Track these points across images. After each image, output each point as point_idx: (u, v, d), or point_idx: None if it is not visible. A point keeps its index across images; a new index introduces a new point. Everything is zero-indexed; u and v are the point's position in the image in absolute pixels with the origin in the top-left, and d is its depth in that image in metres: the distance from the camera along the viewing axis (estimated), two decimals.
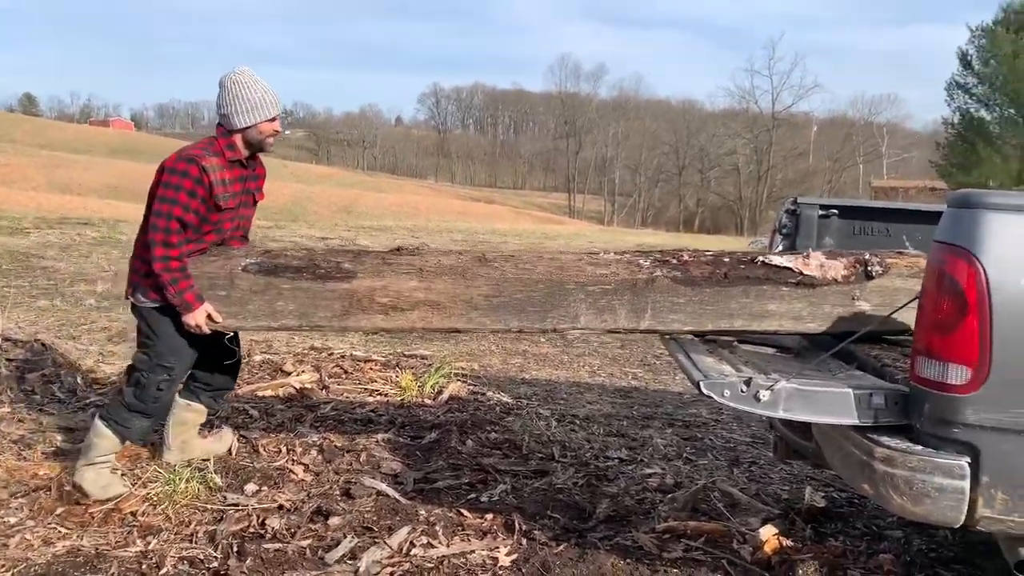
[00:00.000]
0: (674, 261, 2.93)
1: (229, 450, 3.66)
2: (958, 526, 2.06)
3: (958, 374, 2.02)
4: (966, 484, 2.01)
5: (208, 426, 3.75)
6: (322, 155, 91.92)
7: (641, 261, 2.94)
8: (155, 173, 3.08)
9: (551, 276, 2.94)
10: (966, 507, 2.02)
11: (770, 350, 3.07)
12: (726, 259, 2.93)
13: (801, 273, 2.86)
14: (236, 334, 3.26)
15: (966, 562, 2.90)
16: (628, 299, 2.91)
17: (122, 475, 3.28)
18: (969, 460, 2.02)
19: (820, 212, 3.49)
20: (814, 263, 2.88)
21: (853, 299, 2.87)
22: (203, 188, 3.00)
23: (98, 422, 3.18)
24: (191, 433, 3.53)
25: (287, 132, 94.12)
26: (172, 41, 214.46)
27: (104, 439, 3.16)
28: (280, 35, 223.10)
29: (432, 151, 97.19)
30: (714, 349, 2.81)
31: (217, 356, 3.32)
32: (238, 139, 3.13)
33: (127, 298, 3.20)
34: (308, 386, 4.80)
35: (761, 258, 2.91)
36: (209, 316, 3.00)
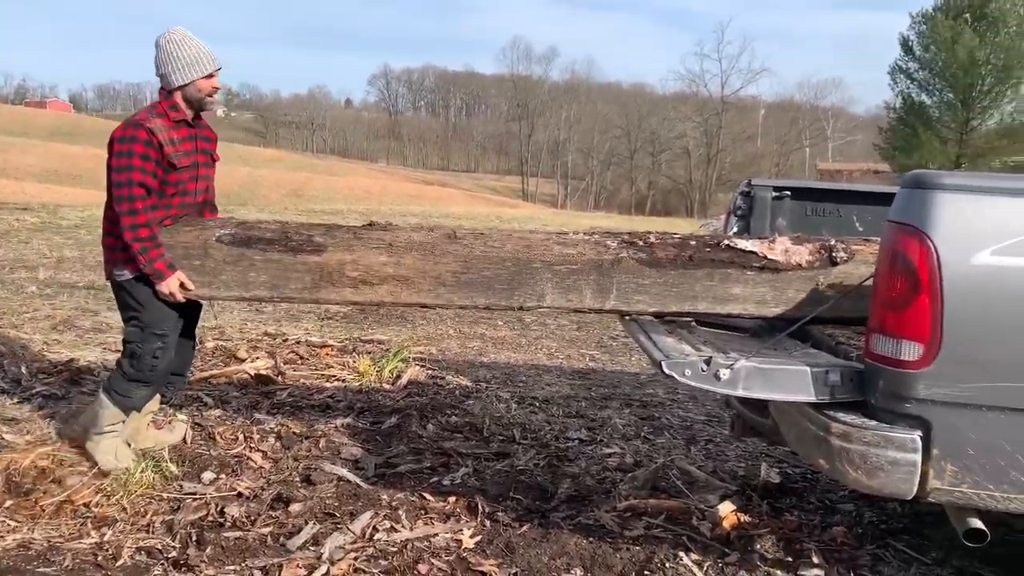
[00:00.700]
0: (640, 243, 2.94)
1: (184, 439, 3.59)
2: (910, 498, 2.13)
3: (911, 350, 2.08)
4: (918, 457, 2.08)
5: (161, 414, 3.68)
6: (270, 138, 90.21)
7: (608, 242, 2.95)
8: (107, 148, 3.08)
9: (519, 254, 2.95)
10: (918, 479, 2.09)
11: (728, 330, 3.11)
12: (692, 242, 2.95)
13: (766, 257, 2.87)
14: (196, 317, 3.35)
15: (915, 533, 3.01)
16: (594, 279, 2.92)
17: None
18: (921, 434, 2.08)
19: (774, 194, 3.56)
20: (779, 248, 2.88)
21: (817, 285, 2.87)
22: (154, 150, 3.03)
23: (102, 394, 3.26)
24: (143, 422, 3.46)
25: (233, 114, 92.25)
26: (112, 20, 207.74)
27: (108, 410, 3.24)
28: (224, 14, 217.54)
29: (383, 134, 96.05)
30: (673, 329, 2.83)
31: (181, 334, 3.34)
32: (178, 98, 3.17)
33: (107, 279, 3.22)
34: (263, 372, 4.73)
35: (726, 242, 2.92)
36: (182, 284, 3.03)
